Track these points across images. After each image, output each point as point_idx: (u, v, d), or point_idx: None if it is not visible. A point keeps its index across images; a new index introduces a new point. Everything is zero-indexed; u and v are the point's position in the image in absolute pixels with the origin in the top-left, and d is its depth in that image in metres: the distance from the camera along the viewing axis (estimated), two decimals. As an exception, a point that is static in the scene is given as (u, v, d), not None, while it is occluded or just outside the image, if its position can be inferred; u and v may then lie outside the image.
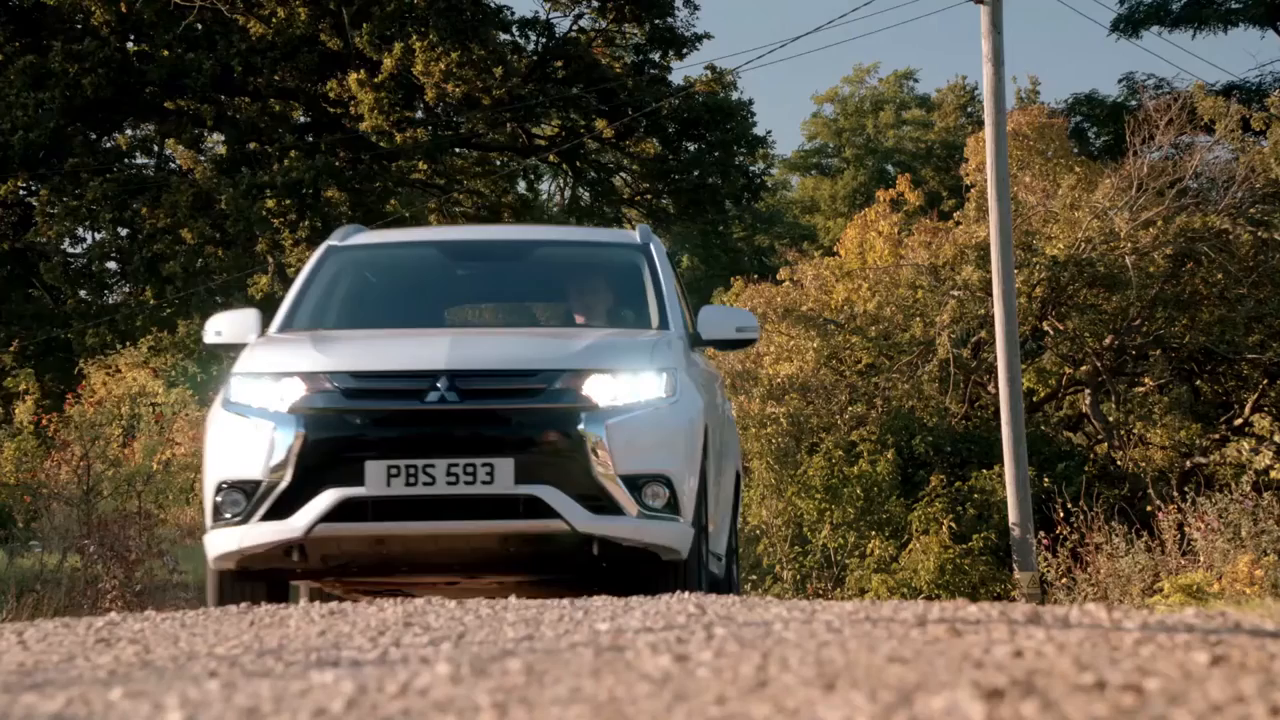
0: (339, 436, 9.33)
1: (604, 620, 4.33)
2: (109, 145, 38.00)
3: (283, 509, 9.29)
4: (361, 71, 35.17)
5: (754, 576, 25.58)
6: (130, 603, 16.05)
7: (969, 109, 56.98)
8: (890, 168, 56.28)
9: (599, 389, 9.39)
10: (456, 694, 2.74)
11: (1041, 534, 21.97)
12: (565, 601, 5.59)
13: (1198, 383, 28.56)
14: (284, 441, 9.32)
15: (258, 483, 9.34)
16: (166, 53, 35.50)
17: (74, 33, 35.92)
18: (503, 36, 37.48)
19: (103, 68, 34.92)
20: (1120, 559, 19.62)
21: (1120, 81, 45.10)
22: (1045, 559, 21.64)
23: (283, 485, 9.29)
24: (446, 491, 9.18)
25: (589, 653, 3.31)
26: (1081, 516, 20.60)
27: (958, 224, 28.74)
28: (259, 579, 9.64)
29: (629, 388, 9.46)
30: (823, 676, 2.75)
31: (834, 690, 2.59)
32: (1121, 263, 27.03)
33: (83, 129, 36.21)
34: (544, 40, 39.26)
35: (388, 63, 34.72)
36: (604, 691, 2.71)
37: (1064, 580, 20.61)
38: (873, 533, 24.65)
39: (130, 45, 36.69)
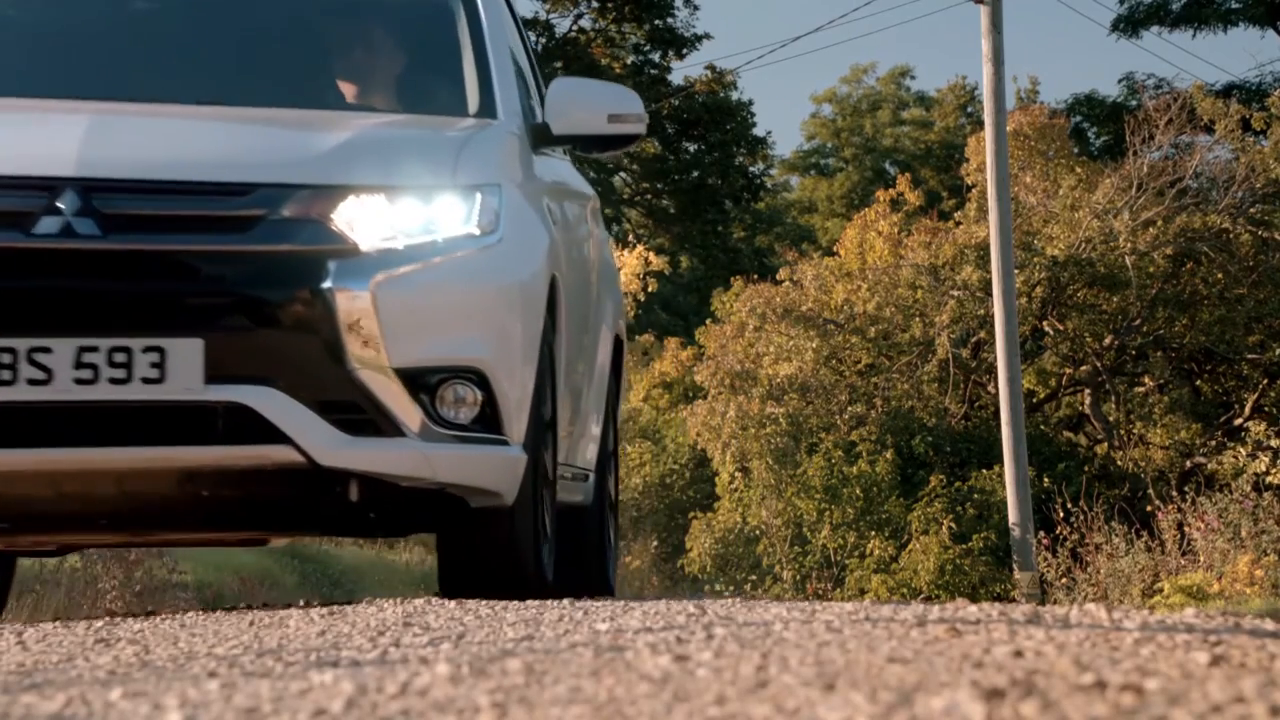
0: None
1: (604, 620, 4.34)
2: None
3: None
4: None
5: (754, 577, 25.59)
6: (130, 603, 16.07)
7: (969, 109, 56.99)
8: (889, 167, 56.31)
9: (362, 220, 5.67)
10: (456, 694, 2.74)
11: (1041, 534, 21.98)
12: (565, 602, 5.60)
13: (1198, 383, 28.57)
14: None
15: None
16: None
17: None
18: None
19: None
20: (1120, 559, 19.62)
21: (1120, 81, 45.09)
22: (1045, 559, 21.65)
23: None
24: (76, 396, 5.49)
25: (589, 653, 3.31)
26: (1081, 516, 20.60)
27: (958, 224, 28.75)
28: None
29: (415, 218, 5.75)
30: (823, 676, 2.76)
31: (834, 690, 2.59)
32: (1121, 263, 27.04)
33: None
34: (544, 40, 39.27)
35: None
36: (604, 691, 2.71)
37: (1064, 580, 20.62)
38: (872, 533, 24.67)
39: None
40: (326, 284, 5.59)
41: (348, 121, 6.30)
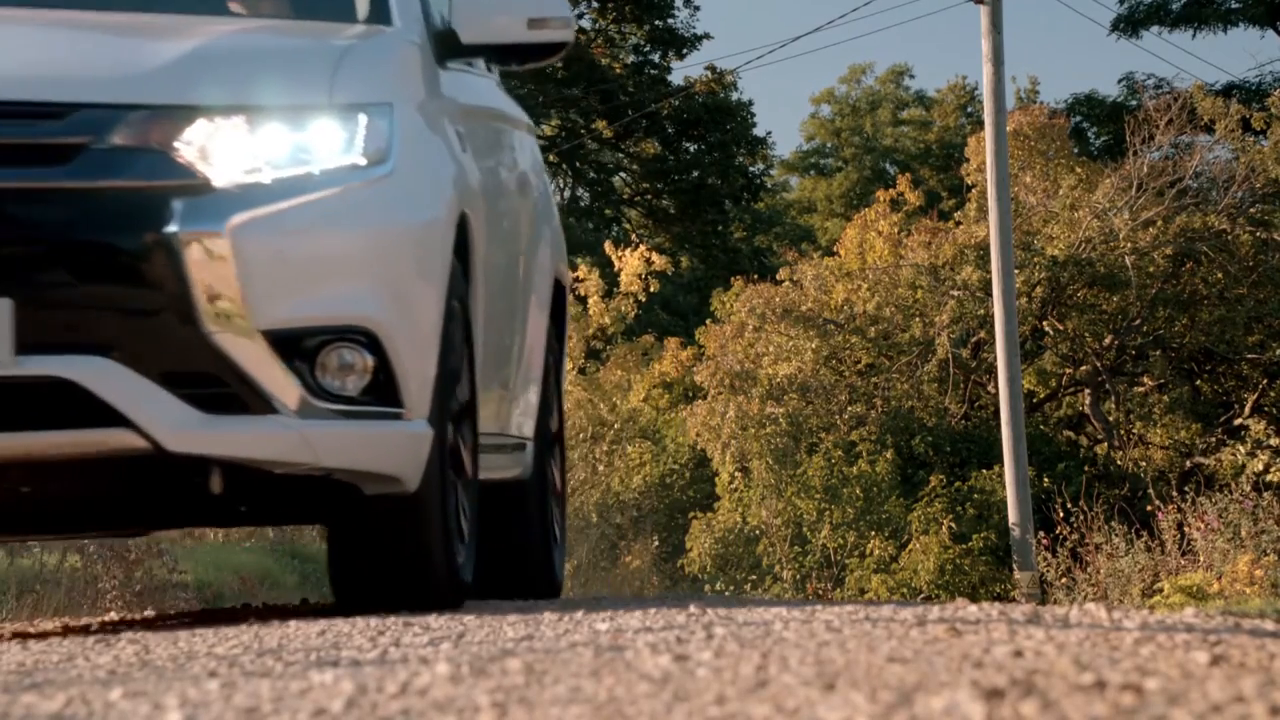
0: None
1: (604, 620, 4.34)
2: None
3: None
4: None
5: (754, 577, 25.58)
6: (130, 603, 16.07)
7: (969, 109, 56.98)
8: (889, 167, 56.31)
9: (215, 148, 4.62)
10: (456, 694, 2.74)
11: (1041, 534, 21.98)
12: (565, 601, 5.61)
13: (1198, 383, 28.57)
14: None
15: None
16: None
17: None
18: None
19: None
20: (1120, 559, 19.62)
21: (1120, 81, 45.07)
22: (1045, 559, 21.64)
23: None
24: None
25: (589, 652, 3.31)
26: (1081, 516, 20.60)
27: (958, 224, 28.75)
28: None
29: (284, 145, 4.69)
30: (822, 676, 2.75)
31: (834, 690, 2.59)
32: (1121, 263, 27.04)
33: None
34: (544, 40, 39.31)
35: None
36: (604, 691, 2.71)
37: (1064, 580, 20.62)
38: (872, 533, 24.67)
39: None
40: (171, 227, 4.53)
41: (197, 28, 5.05)
